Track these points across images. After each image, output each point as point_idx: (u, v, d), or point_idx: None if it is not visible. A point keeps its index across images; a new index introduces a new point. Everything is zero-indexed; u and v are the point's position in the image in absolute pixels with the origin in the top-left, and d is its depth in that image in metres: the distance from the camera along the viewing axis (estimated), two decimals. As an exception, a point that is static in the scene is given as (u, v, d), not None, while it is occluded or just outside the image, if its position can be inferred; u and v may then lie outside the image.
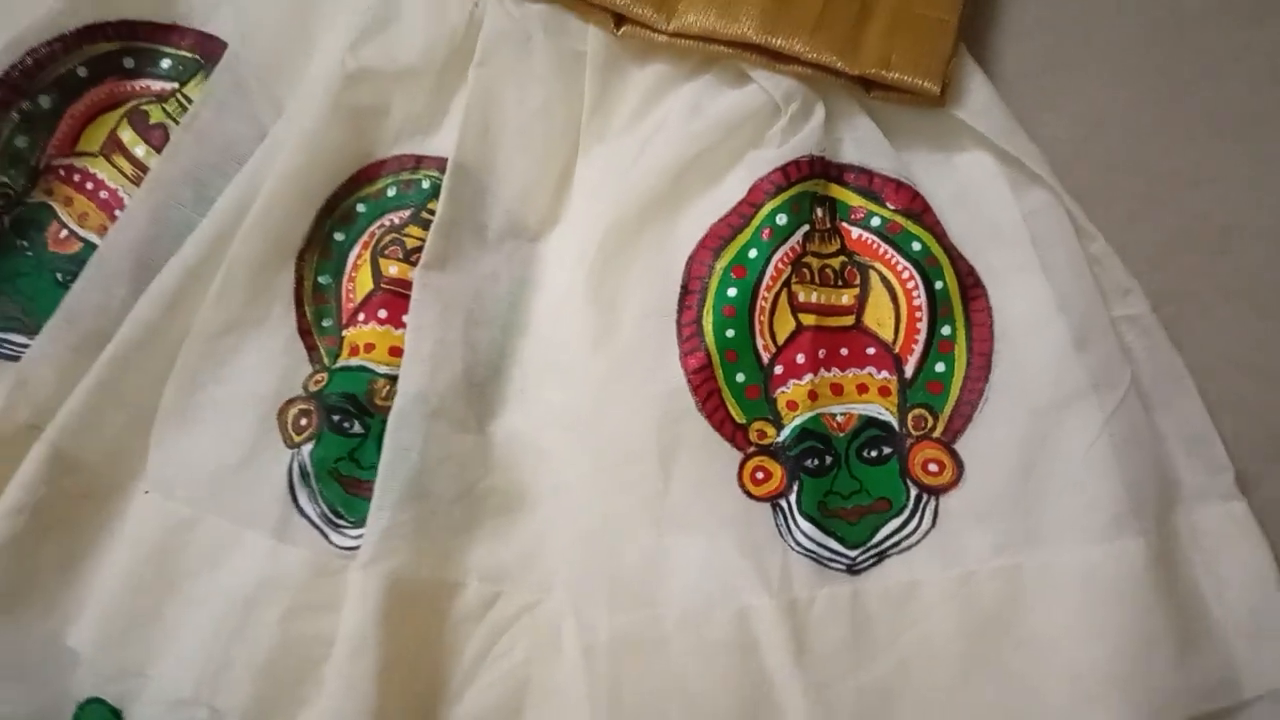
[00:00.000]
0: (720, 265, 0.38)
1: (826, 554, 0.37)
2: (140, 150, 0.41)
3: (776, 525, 0.37)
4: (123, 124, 0.42)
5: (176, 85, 0.42)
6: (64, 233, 0.41)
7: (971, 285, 0.38)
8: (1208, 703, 0.35)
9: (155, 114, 0.41)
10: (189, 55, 0.42)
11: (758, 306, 0.38)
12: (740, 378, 0.38)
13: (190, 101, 0.41)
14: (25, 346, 0.39)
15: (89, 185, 0.41)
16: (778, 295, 0.38)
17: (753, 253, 0.38)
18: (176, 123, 0.41)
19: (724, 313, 0.37)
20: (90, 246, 0.41)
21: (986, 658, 0.36)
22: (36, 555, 0.38)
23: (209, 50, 0.42)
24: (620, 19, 0.39)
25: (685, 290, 0.38)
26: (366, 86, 0.39)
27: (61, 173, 0.41)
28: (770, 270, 0.38)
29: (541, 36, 0.40)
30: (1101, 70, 0.39)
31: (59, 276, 0.41)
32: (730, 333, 0.37)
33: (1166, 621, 0.35)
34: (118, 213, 0.41)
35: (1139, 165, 0.38)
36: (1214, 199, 0.37)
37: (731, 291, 0.38)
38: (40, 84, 0.40)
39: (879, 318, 0.39)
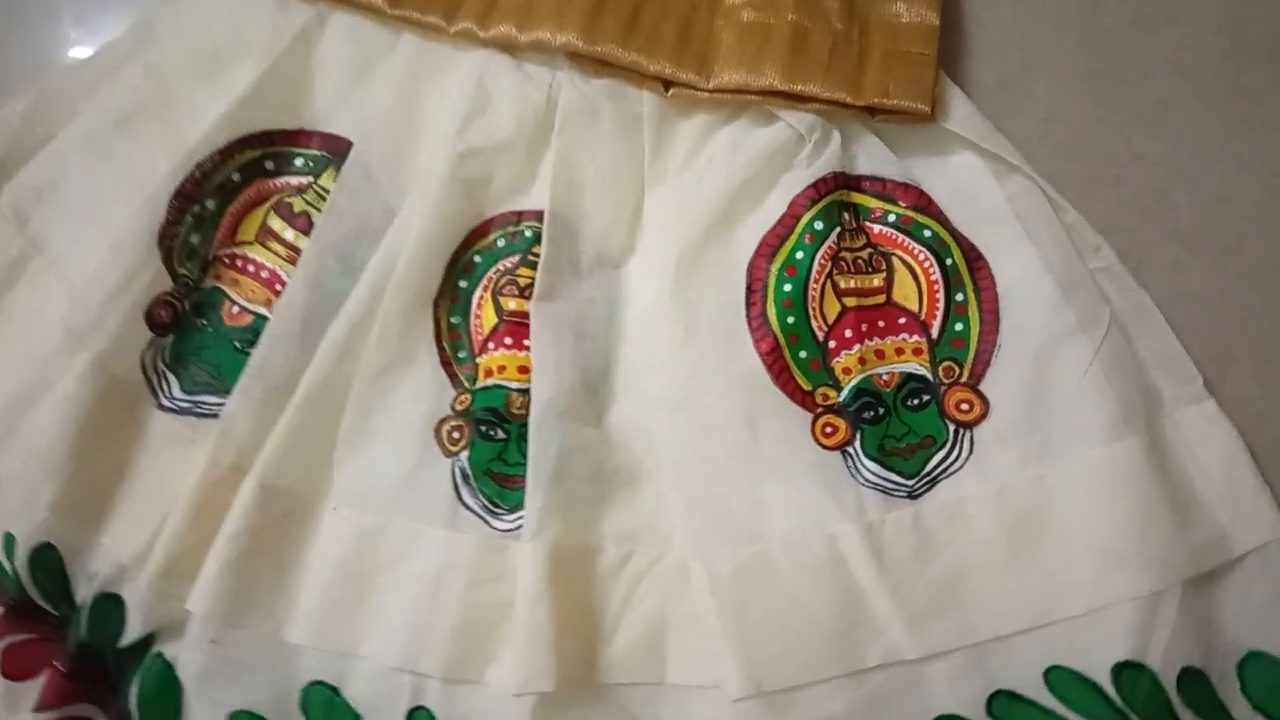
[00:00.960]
0: (774, 267, 0.48)
1: (889, 485, 0.46)
2: (289, 234, 0.50)
3: (847, 468, 0.46)
4: (271, 215, 0.51)
5: (311, 179, 0.51)
6: (235, 309, 0.50)
7: (975, 259, 0.48)
8: (1206, 562, 0.44)
9: (298, 204, 0.51)
10: (318, 153, 0.51)
11: (809, 296, 0.47)
12: (803, 354, 0.47)
13: (325, 190, 0.50)
14: (219, 405, 0.48)
15: (250, 268, 0.51)
16: (824, 285, 0.47)
17: (799, 254, 0.47)
18: (316, 210, 0.50)
19: (783, 304, 0.47)
20: (260, 318, 0.50)
21: (1025, 548, 0.45)
22: (255, 570, 0.46)
23: (334, 147, 0.51)
24: (668, 84, 0.48)
25: (749, 290, 0.47)
26: (474, 162, 0.49)
27: (227, 260, 0.51)
28: (815, 266, 0.47)
29: (606, 105, 0.49)
30: (1048, 79, 0.49)
31: (237, 345, 0.50)
32: (790, 319, 0.47)
33: (1164, 501, 0.44)
34: (278, 287, 0.50)
35: (1084, 152, 0.48)
36: (1147, 173, 0.47)
37: (787, 287, 0.47)
38: (206, 190, 0.50)
39: (905, 294, 0.48)
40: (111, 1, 0.57)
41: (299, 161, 0.51)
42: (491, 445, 0.47)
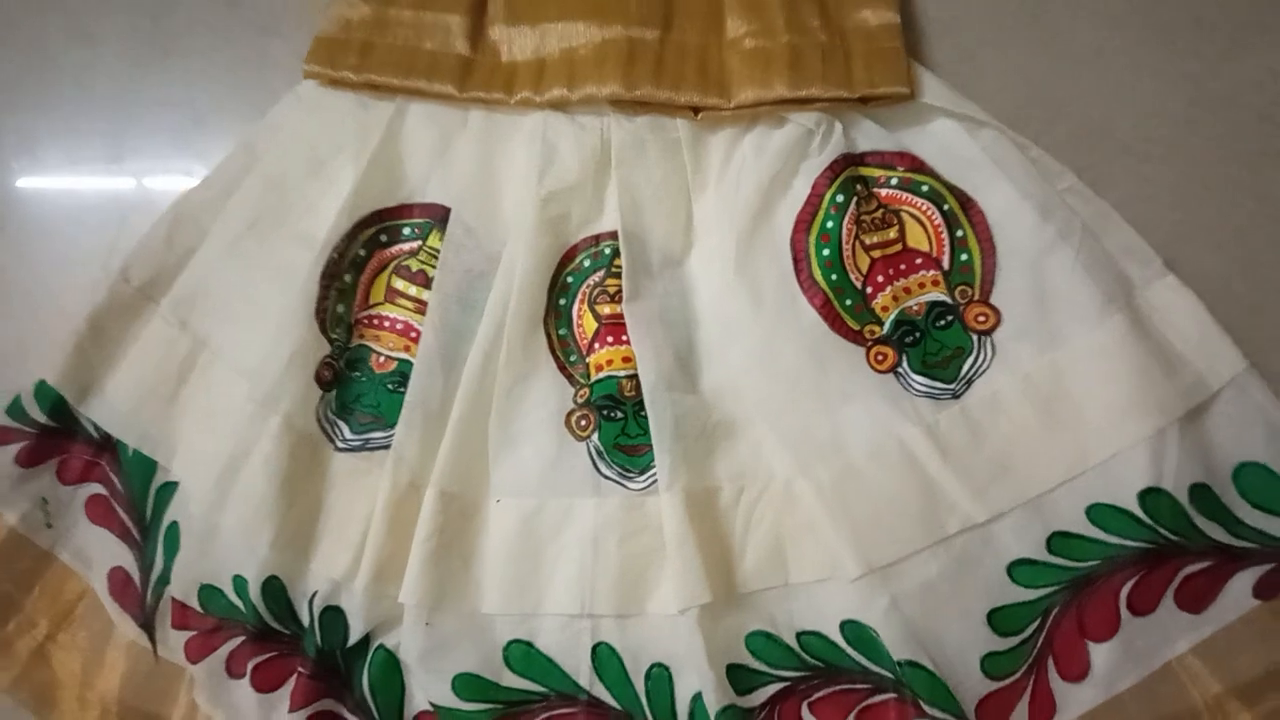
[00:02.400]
0: (811, 238, 0.59)
1: (937, 391, 0.57)
2: (412, 290, 0.61)
3: (901, 385, 0.57)
4: (393, 277, 0.61)
5: (420, 242, 0.62)
6: (381, 358, 0.61)
7: (966, 201, 0.59)
8: (1193, 399, 0.55)
9: (414, 264, 0.61)
10: (421, 221, 0.62)
11: (844, 255, 0.58)
12: (848, 302, 0.58)
13: (434, 249, 0.61)
14: (386, 438, 0.58)
15: (386, 323, 0.61)
16: (853, 245, 0.59)
17: (829, 224, 0.59)
18: (430, 266, 0.60)
19: (825, 266, 0.58)
20: (403, 362, 0.60)
21: (1053, 418, 0.56)
22: (447, 561, 0.57)
23: (432, 214, 0.62)
24: (696, 109, 0.60)
25: (795, 261, 0.59)
26: (554, 204, 0.60)
27: (366, 321, 0.61)
28: (844, 231, 0.59)
29: (649, 136, 0.60)
30: (995, 48, 0.61)
31: (389, 386, 0.60)
32: (834, 277, 0.58)
33: (1152, 359, 0.55)
34: (412, 335, 0.60)
35: (1036, 99, 0.60)
36: (1090, 106, 0.59)
37: (825, 252, 0.58)
38: (342, 268, 0.60)
39: (916, 239, 0.59)
40: (53, 132, 0.67)
41: (407, 230, 0.62)
42: (614, 424, 0.58)
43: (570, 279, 0.61)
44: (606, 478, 0.58)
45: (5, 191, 0.67)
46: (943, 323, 0.58)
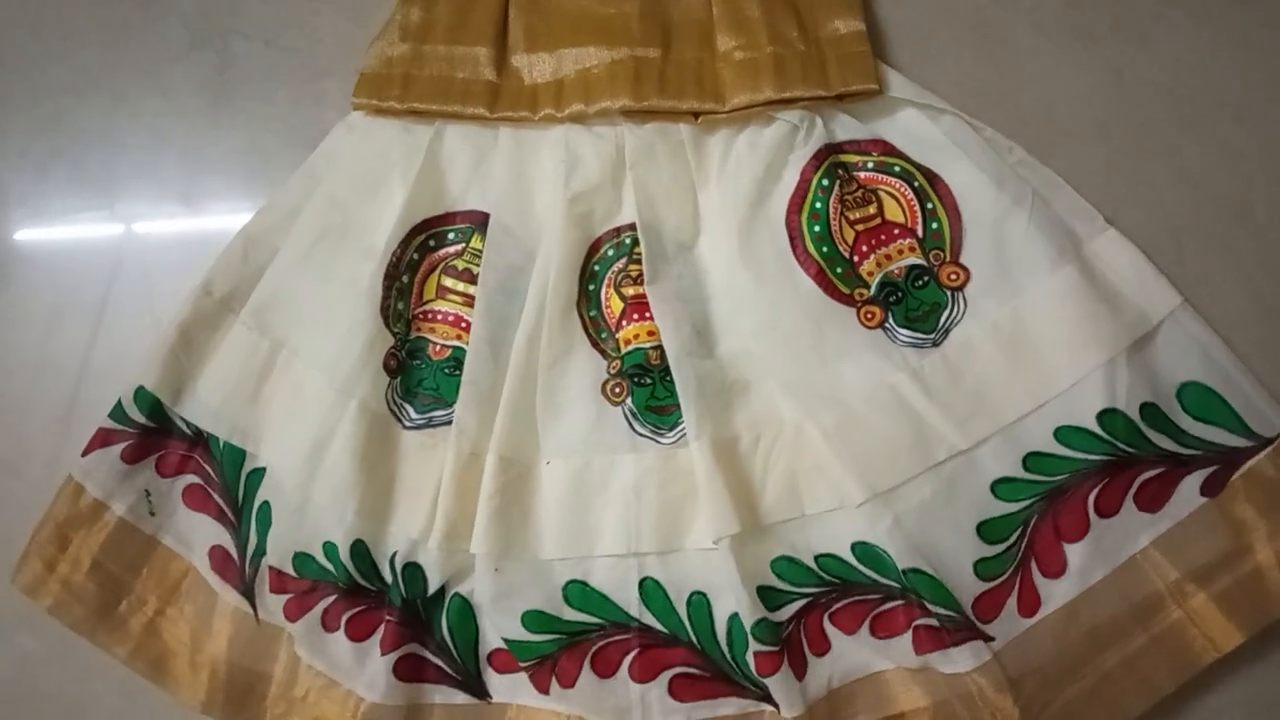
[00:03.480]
0: (803, 218, 0.68)
1: (919, 341, 0.66)
2: (460, 286, 0.70)
3: (888, 338, 0.66)
4: (443, 276, 0.70)
5: (464, 244, 0.71)
6: (437, 347, 0.70)
7: (933, 177, 0.69)
8: (1137, 331, 0.64)
9: (460, 264, 0.70)
10: (463, 226, 0.71)
11: (832, 230, 0.68)
12: (839, 270, 0.68)
13: (476, 250, 0.70)
14: (447, 415, 0.67)
15: (439, 316, 0.70)
16: (839, 221, 0.68)
17: (818, 205, 0.68)
18: (475, 265, 0.69)
19: (816, 240, 0.68)
20: (457, 349, 0.69)
21: (1019, 357, 0.65)
22: (509, 516, 0.65)
23: (473, 219, 0.71)
24: (696, 114, 0.69)
25: (790, 239, 0.68)
26: (580, 203, 0.69)
27: (422, 316, 0.70)
28: (830, 210, 0.68)
29: (657, 140, 0.70)
30: (949, 50, 0.71)
31: (446, 371, 0.69)
32: (824, 249, 0.67)
33: (1099, 300, 0.65)
34: (463, 324, 0.69)
35: (986, 91, 0.70)
36: (1032, 94, 0.69)
37: (816, 228, 0.68)
38: (401, 270, 0.69)
39: (893, 213, 0.69)
40: (54, 184, 0.76)
41: (451, 235, 0.71)
42: (644, 389, 0.67)
43: (597, 267, 0.70)
44: (641, 435, 0.67)
45: (88, 234, 0.76)
46: (920, 283, 0.68)
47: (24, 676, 0.71)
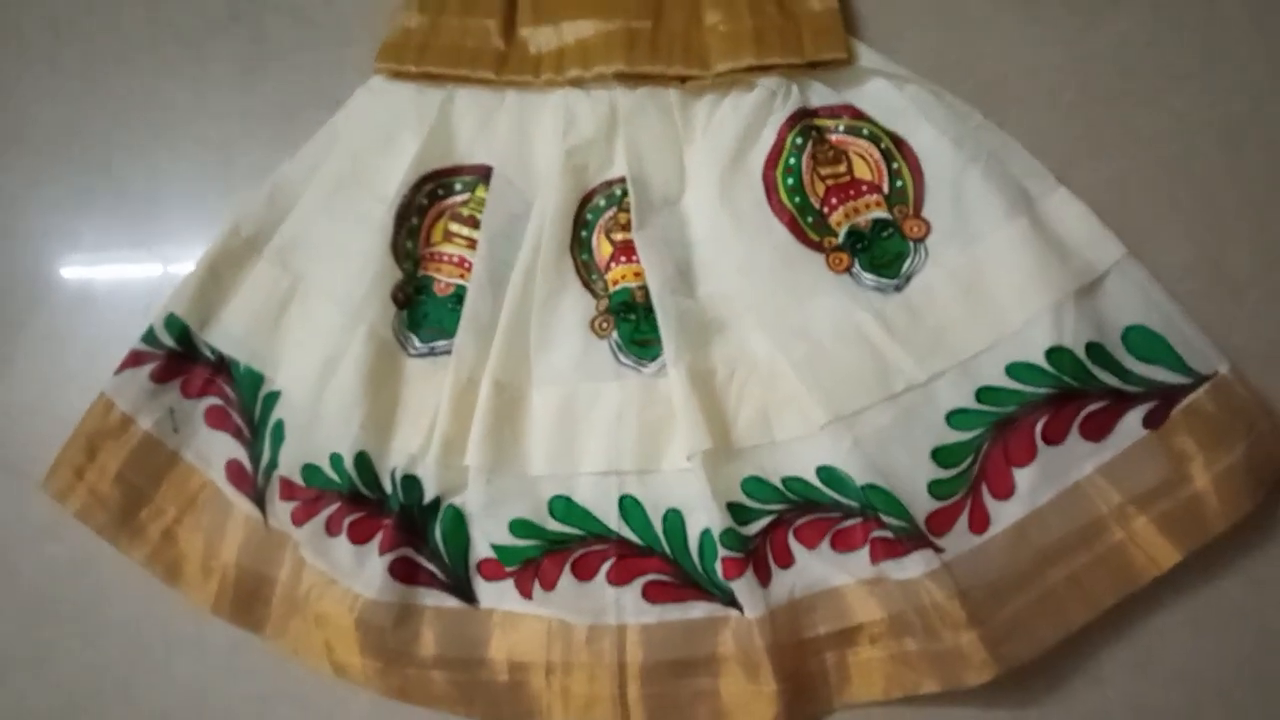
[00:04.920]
0: (778, 173, 0.74)
1: (882, 285, 0.72)
2: (465, 231, 0.77)
3: (854, 282, 0.72)
4: (449, 222, 0.77)
5: (469, 194, 0.78)
6: (442, 284, 0.76)
7: (898, 140, 0.75)
8: (1084, 278, 0.69)
9: (465, 211, 0.77)
10: (469, 177, 0.78)
11: (805, 184, 0.74)
12: (810, 219, 0.74)
13: (480, 199, 0.76)
14: (448, 345, 0.73)
15: (445, 257, 0.77)
16: (811, 176, 0.74)
17: (792, 160, 0.74)
18: (478, 212, 0.76)
19: (790, 191, 0.74)
20: (460, 286, 0.75)
21: (976, 299, 0.70)
22: (501, 434, 0.71)
23: (478, 171, 0.78)
24: (684, 79, 0.77)
25: (766, 190, 0.74)
26: (575, 157, 0.75)
27: (429, 256, 0.77)
28: (804, 166, 0.74)
29: (648, 102, 0.76)
30: (910, 26, 0.78)
31: (449, 306, 0.75)
32: (797, 199, 0.74)
33: (1049, 249, 0.70)
34: (466, 265, 0.75)
35: (946, 62, 0.76)
36: (988, 64, 0.76)
37: (789, 181, 0.74)
38: (410, 213, 0.76)
39: (861, 171, 0.75)
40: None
41: (458, 185, 0.78)
42: (629, 324, 0.73)
43: (590, 215, 0.76)
44: (625, 366, 0.72)
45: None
46: (886, 234, 0.74)
47: (50, 581, 0.76)
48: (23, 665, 0.75)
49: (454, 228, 0.77)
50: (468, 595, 0.71)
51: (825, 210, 0.74)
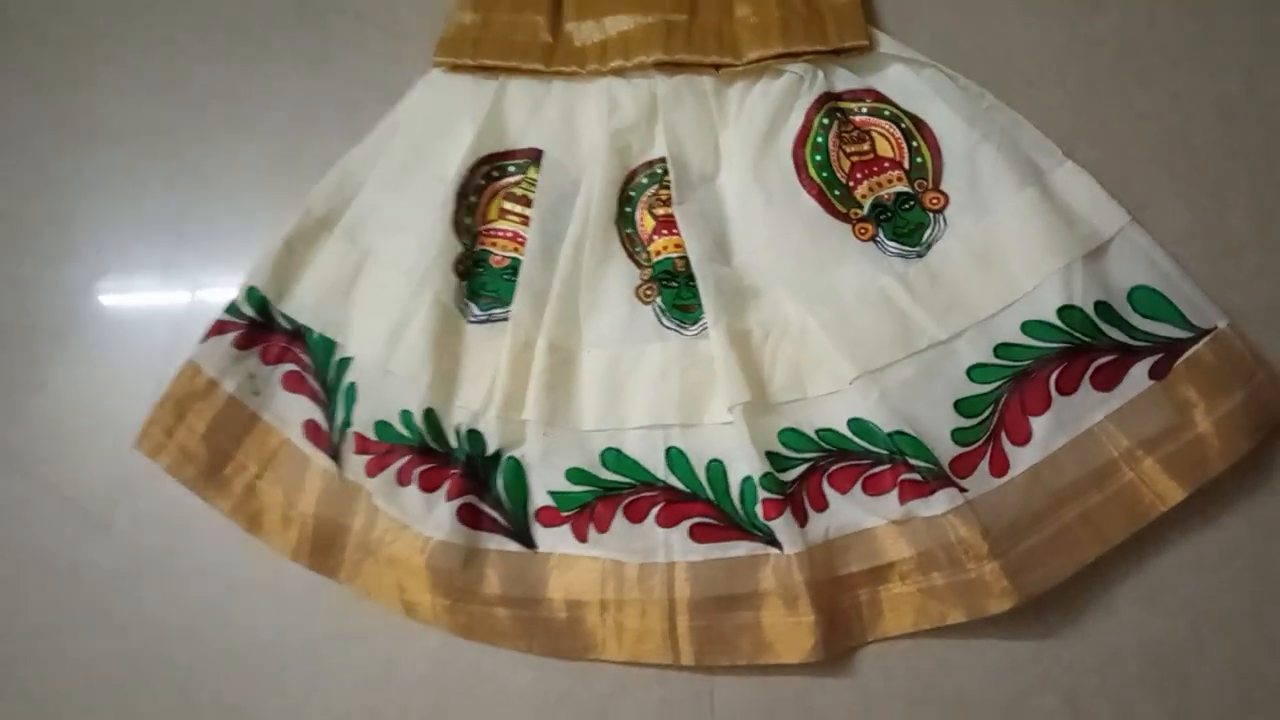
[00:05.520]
0: (806, 150, 0.81)
1: (906, 252, 0.78)
2: (518, 209, 0.84)
3: (879, 249, 0.78)
4: (503, 200, 0.84)
5: (521, 175, 0.84)
6: (497, 257, 0.83)
7: (917, 120, 0.81)
8: (1090, 244, 0.75)
9: (518, 190, 0.84)
10: (522, 160, 0.85)
11: (831, 160, 0.80)
12: (836, 193, 0.80)
13: (532, 180, 0.83)
14: (505, 313, 0.80)
15: (500, 233, 0.83)
16: (837, 153, 0.81)
17: (819, 139, 0.81)
18: (530, 191, 0.83)
19: (817, 167, 0.80)
20: (514, 259, 0.82)
21: (991, 264, 0.76)
22: (556, 392, 0.78)
23: (530, 155, 0.84)
24: (717, 66, 0.83)
25: (795, 167, 0.81)
26: (619, 139, 0.82)
27: (485, 233, 0.83)
28: (830, 144, 0.81)
29: (685, 88, 0.83)
30: (926, 18, 0.84)
31: (505, 277, 0.82)
32: (824, 174, 0.80)
33: (1057, 216, 0.76)
34: (519, 239, 0.82)
35: (958, 50, 0.83)
36: (997, 51, 0.83)
37: (817, 157, 0.80)
38: (469, 191, 0.83)
39: (883, 149, 0.81)
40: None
41: (511, 168, 0.85)
42: (671, 291, 0.80)
43: (633, 193, 0.83)
44: (668, 328, 0.79)
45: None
46: (908, 206, 0.80)
47: (142, 534, 0.83)
48: (118, 611, 0.82)
49: (508, 206, 0.84)
50: (527, 540, 0.77)
51: (851, 185, 0.81)
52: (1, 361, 0.88)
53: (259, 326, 0.83)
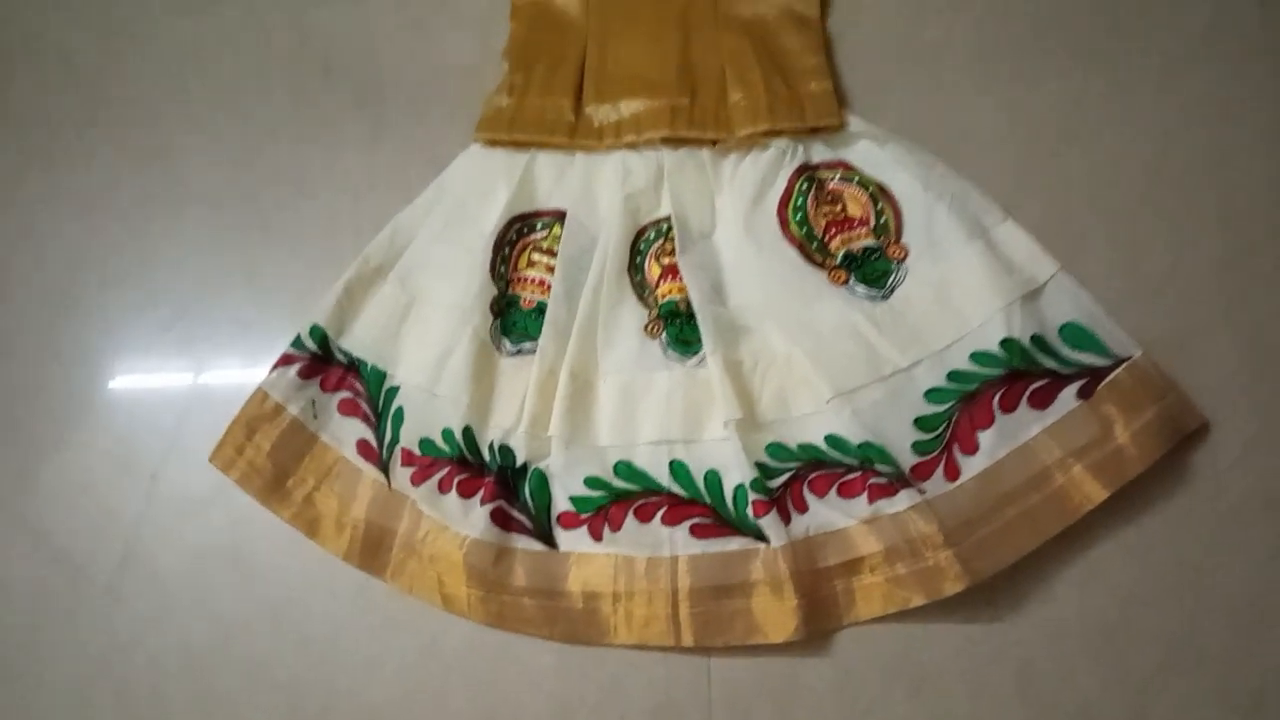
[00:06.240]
0: (789, 211, 0.96)
1: (872, 295, 0.92)
2: (545, 259, 0.98)
3: (850, 292, 0.93)
4: (533, 252, 0.99)
5: (548, 231, 0.99)
6: (526, 300, 0.97)
7: (881, 187, 0.97)
8: (1027, 288, 0.89)
9: (545, 243, 0.99)
10: (549, 219, 1.00)
11: (810, 218, 0.95)
12: (814, 245, 0.95)
13: (557, 235, 0.98)
14: (533, 346, 0.93)
15: (529, 280, 0.98)
16: (815, 213, 0.96)
17: (799, 201, 0.96)
18: (555, 243, 0.98)
19: (798, 224, 0.95)
20: (541, 302, 0.96)
21: (945, 304, 0.90)
22: (576, 413, 0.91)
23: (555, 214, 0.99)
24: (714, 142, 0.99)
25: (779, 224, 0.95)
26: (631, 201, 0.97)
27: (517, 279, 0.98)
28: (809, 206, 0.96)
29: (686, 159, 0.99)
30: (888, 105, 1.00)
31: (533, 316, 0.96)
32: (804, 230, 0.95)
33: (999, 265, 0.90)
34: (545, 285, 0.96)
35: (913, 128, 0.98)
36: (940, 124, 0.98)
37: (798, 217, 0.96)
38: (503, 244, 0.98)
39: (853, 211, 0.96)
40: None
41: (539, 225, 1.00)
42: (674, 327, 0.94)
43: (642, 246, 0.98)
44: (672, 359, 0.93)
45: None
46: (874, 256, 0.95)
47: (223, 540, 0.95)
48: (186, 607, 0.93)
49: (536, 257, 0.99)
50: (550, 541, 0.90)
51: (826, 239, 0.96)
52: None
53: (319, 359, 0.97)
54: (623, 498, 0.89)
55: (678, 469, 0.90)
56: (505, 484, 0.90)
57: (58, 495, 0.99)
